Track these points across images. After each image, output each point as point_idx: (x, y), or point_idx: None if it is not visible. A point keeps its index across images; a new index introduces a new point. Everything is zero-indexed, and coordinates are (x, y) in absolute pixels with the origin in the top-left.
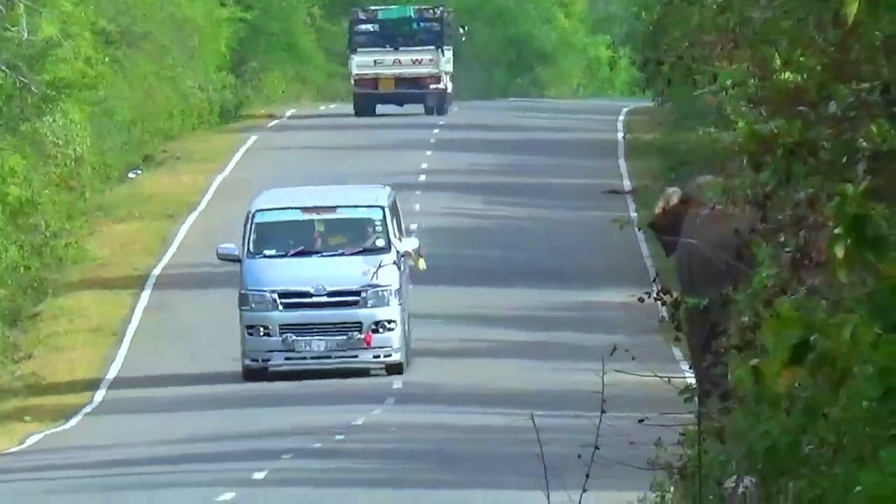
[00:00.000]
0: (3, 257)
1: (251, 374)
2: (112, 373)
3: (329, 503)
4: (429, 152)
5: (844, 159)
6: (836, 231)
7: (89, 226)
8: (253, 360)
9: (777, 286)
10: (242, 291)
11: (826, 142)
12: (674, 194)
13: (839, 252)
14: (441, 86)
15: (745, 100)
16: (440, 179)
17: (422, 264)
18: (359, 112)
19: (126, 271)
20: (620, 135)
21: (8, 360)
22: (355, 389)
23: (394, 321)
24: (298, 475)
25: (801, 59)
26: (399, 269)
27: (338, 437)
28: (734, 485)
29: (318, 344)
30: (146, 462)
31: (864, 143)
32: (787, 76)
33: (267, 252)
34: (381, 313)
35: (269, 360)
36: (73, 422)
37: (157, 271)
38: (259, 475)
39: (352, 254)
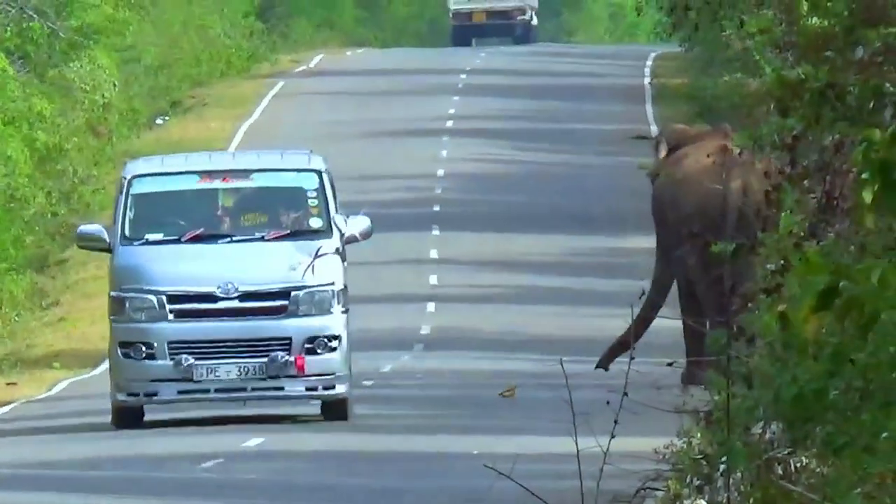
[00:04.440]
0: (30, 203)
1: (126, 416)
2: None
3: (357, 449)
4: (456, 97)
5: (871, 104)
6: (864, 176)
7: (117, 172)
8: (131, 394)
9: (804, 231)
10: (114, 294)
11: (853, 87)
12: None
13: (867, 197)
14: (527, 17)
15: (772, 45)
16: (467, 125)
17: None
18: (456, 42)
19: None
20: (647, 80)
21: (35, 307)
22: (381, 336)
23: (337, 336)
24: (326, 421)
25: (829, 3)
26: (343, 260)
27: (365, 383)
28: (761, 430)
29: (227, 370)
30: (174, 407)
31: (892, 88)
32: (814, 21)
33: (150, 237)
34: (318, 325)
35: (155, 394)
36: (101, 368)
37: None
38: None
39: (275, 238)
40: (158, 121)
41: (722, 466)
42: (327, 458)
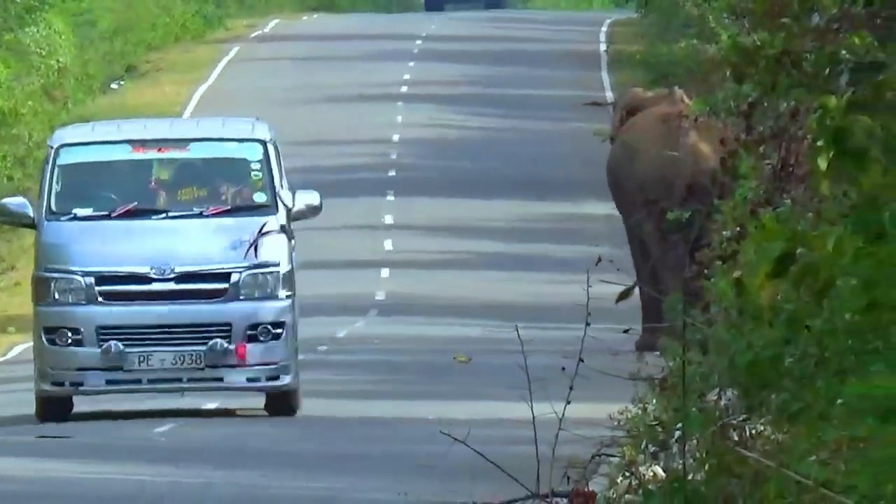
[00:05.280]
0: None
1: (51, 408)
2: None
3: (311, 414)
4: (412, 63)
5: (827, 71)
6: (819, 143)
7: None
8: (56, 383)
9: (759, 198)
10: (38, 274)
11: (809, 53)
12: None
13: (822, 164)
14: None
15: (728, 11)
16: (423, 91)
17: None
18: (428, 7)
19: None
20: (603, 46)
21: None
22: (338, 301)
23: (281, 323)
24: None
25: None
26: (290, 239)
27: (320, 348)
28: (716, 397)
29: (161, 358)
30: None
31: (848, 55)
32: None
33: (78, 212)
34: (262, 310)
35: (81, 384)
36: None
37: None
38: None
39: (215, 214)
40: (113, 85)
41: (677, 433)
42: (281, 423)
